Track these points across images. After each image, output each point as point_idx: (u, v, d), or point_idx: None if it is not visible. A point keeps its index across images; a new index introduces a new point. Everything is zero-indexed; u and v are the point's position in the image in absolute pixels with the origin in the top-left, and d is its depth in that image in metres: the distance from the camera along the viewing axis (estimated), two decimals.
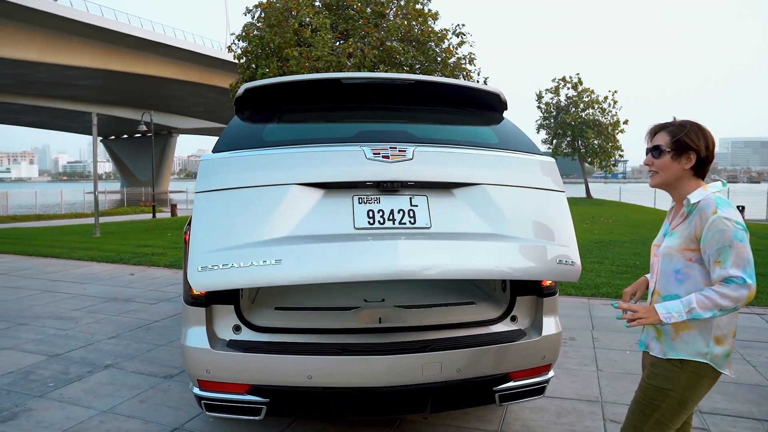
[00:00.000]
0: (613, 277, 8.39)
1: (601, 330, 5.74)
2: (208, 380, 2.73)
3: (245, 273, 2.27)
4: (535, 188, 2.72)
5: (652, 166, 2.15)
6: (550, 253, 2.56)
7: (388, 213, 2.53)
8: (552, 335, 3.00)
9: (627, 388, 4.14)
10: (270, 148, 2.72)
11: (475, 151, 2.79)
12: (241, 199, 2.48)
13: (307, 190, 2.52)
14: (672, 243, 2.12)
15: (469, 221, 2.58)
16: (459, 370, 2.76)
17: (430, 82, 3.30)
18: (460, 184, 2.65)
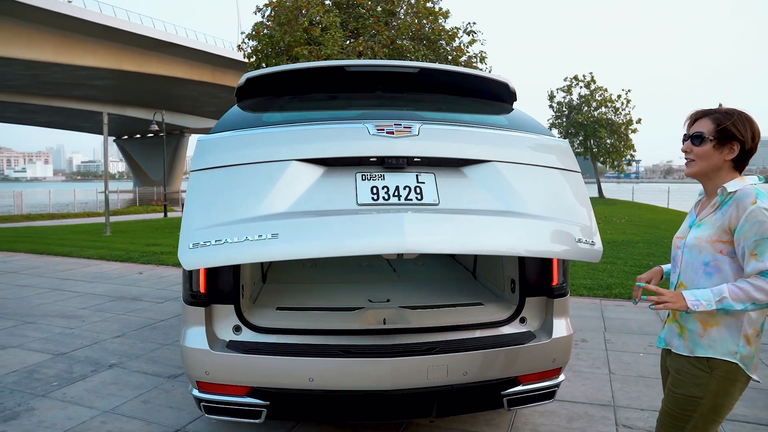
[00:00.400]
0: (625, 278, 8.24)
1: (614, 332, 5.61)
2: (208, 382, 2.66)
3: (239, 249, 2.10)
4: (549, 167, 2.56)
5: (689, 153, 2.02)
6: (568, 231, 2.37)
7: (393, 189, 2.37)
8: (563, 337, 2.90)
9: (640, 392, 4.02)
10: (269, 127, 2.62)
11: (485, 129, 2.67)
12: (237, 177, 2.33)
13: (307, 166, 2.37)
14: (701, 234, 1.99)
15: (479, 199, 2.40)
16: (466, 373, 2.67)
17: (435, 70, 3.21)
18: (469, 161, 2.49)
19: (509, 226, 2.30)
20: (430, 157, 2.43)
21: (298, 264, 4.43)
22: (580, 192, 2.55)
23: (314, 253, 2.13)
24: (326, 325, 2.82)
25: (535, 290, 2.98)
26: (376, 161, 2.40)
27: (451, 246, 2.23)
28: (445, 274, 4.18)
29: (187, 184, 2.39)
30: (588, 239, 2.37)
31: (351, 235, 2.16)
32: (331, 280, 3.88)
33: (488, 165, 2.48)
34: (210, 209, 2.25)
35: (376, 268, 4.33)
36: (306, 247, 2.13)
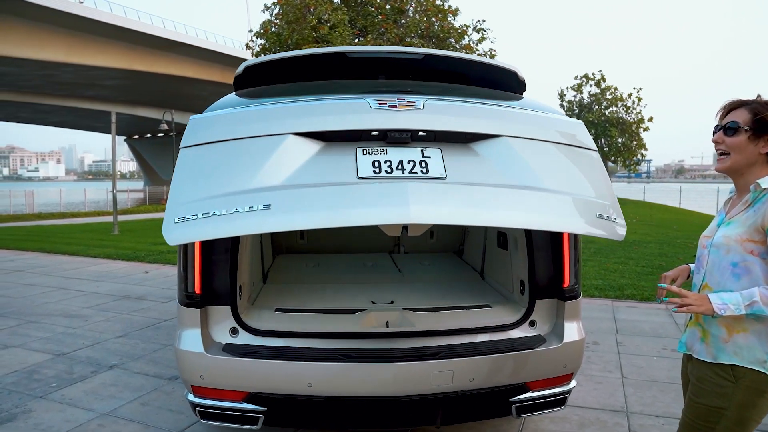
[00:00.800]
0: (638, 279, 8.07)
1: (626, 334, 5.46)
2: (203, 386, 2.56)
3: (228, 221, 1.92)
4: (564, 144, 2.39)
5: (721, 145, 1.89)
6: (587, 206, 2.18)
7: (396, 163, 2.18)
8: (574, 342, 2.77)
9: (655, 397, 3.87)
10: (264, 104, 2.49)
11: (495, 105, 2.52)
12: (228, 151, 2.18)
13: (303, 141, 2.20)
14: (730, 232, 1.86)
15: (490, 175, 2.21)
16: (472, 379, 2.55)
17: (440, 56, 3.09)
18: (479, 136, 2.31)
19: (523, 199, 2.12)
20: (436, 131, 2.26)
21: (300, 264, 4.32)
22: (598, 170, 2.37)
23: (309, 223, 1.96)
24: (327, 327, 2.71)
25: (545, 292, 2.85)
26: (378, 135, 2.24)
27: (459, 217, 2.04)
28: (452, 274, 4.05)
29: (176, 162, 2.23)
30: (610, 216, 2.18)
31: (350, 204, 2.00)
32: (333, 280, 3.77)
33: (499, 140, 2.30)
34: (198, 184, 2.10)
35: (380, 268, 4.21)
36: (300, 218, 1.96)
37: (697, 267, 2.01)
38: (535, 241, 2.88)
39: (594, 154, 2.41)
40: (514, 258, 3.14)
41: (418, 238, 4.93)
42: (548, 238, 2.87)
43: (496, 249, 3.54)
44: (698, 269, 2.00)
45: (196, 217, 1.94)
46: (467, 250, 4.57)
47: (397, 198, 1.98)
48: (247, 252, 3.07)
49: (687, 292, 1.82)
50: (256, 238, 3.55)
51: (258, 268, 3.60)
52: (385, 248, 4.98)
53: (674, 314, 6.17)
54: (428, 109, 2.30)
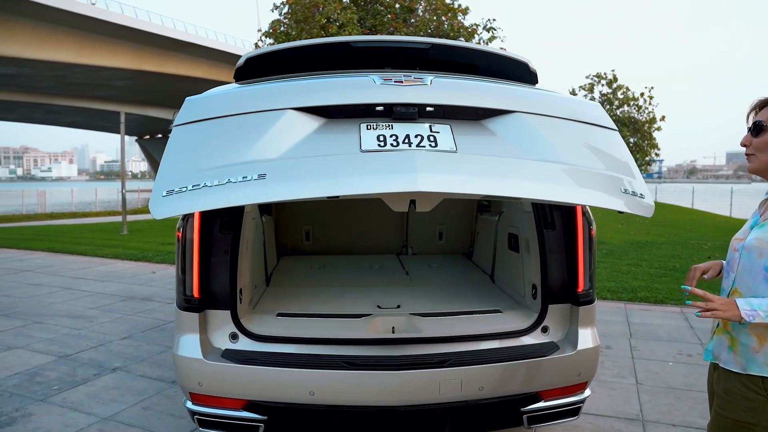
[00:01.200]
0: (651, 281, 7.90)
1: (640, 338, 5.31)
2: (201, 394, 2.47)
3: (219, 192, 1.78)
4: (582, 122, 2.23)
5: (748, 147, 1.78)
6: (610, 180, 2.02)
7: (403, 137, 2.02)
8: (589, 349, 2.64)
9: (671, 405, 3.74)
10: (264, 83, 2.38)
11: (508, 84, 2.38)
12: (224, 127, 2.05)
13: (304, 116, 2.06)
14: (764, 235, 1.75)
15: (504, 150, 2.06)
16: (482, 388, 2.43)
17: (448, 46, 2.97)
18: (491, 112, 2.15)
19: (541, 170, 1.96)
20: (444, 106, 2.10)
21: (305, 265, 4.22)
22: (620, 148, 2.22)
23: (307, 192, 1.80)
24: (330, 333, 2.60)
25: (558, 296, 2.73)
26: (383, 111, 2.09)
27: (471, 186, 1.85)
28: (461, 277, 3.93)
29: (168, 140, 2.10)
30: (635, 191, 2.00)
31: (352, 173, 1.85)
32: (339, 283, 3.66)
33: (513, 116, 2.14)
34: (189, 158, 1.96)
35: (387, 270, 4.10)
36: (298, 187, 1.81)
37: (727, 271, 1.88)
38: (547, 243, 2.76)
39: (614, 133, 2.26)
40: (525, 261, 3.02)
41: (426, 240, 4.82)
42: (561, 240, 2.76)
43: (507, 251, 3.42)
44: (728, 273, 1.87)
45: (186, 189, 1.81)
46: (477, 252, 4.45)
47: (403, 166, 1.84)
48: (249, 253, 2.98)
49: (712, 296, 1.70)
50: (259, 240, 3.46)
51: (261, 270, 3.50)
52: (393, 250, 4.88)
53: (689, 318, 6.01)
54: (436, 84, 2.18)
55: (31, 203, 30.85)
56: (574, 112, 2.25)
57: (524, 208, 2.95)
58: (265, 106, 2.07)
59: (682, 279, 8.02)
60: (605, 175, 2.02)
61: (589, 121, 2.23)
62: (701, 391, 3.93)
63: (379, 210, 4.79)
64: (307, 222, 4.75)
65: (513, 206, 3.32)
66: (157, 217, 1.79)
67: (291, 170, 1.86)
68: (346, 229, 4.79)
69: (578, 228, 2.71)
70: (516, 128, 2.11)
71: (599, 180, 1.99)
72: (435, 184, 1.77)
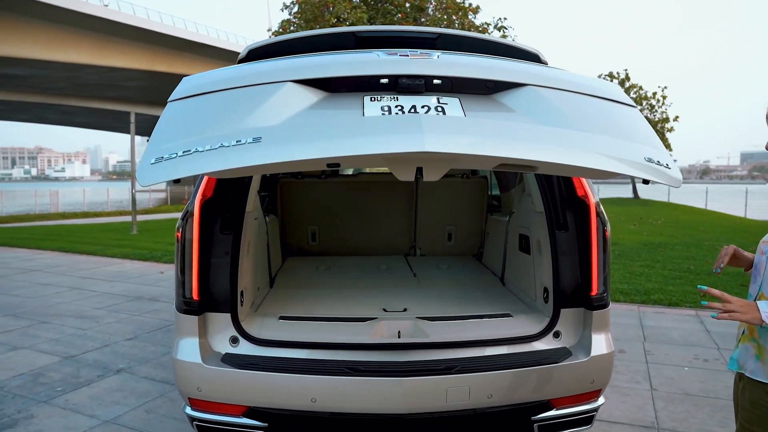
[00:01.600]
0: (665, 283, 7.75)
1: (654, 342, 5.18)
2: (201, 399, 2.40)
3: (211, 157, 1.67)
4: (599, 97, 2.11)
5: None
6: (633, 148, 1.88)
7: (408, 107, 1.91)
8: (603, 355, 2.54)
9: (688, 412, 3.62)
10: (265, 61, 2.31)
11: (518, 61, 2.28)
12: (220, 100, 1.95)
13: (304, 89, 1.96)
14: None
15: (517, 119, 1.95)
16: (491, 395, 2.34)
17: (456, 36, 2.87)
18: (502, 85, 2.03)
19: (557, 135, 1.83)
20: (453, 78, 1.99)
21: (310, 266, 4.14)
22: (640, 123, 2.08)
23: (305, 153, 1.66)
24: (333, 337, 2.52)
25: (571, 300, 2.62)
26: (387, 83, 1.98)
27: (481, 147, 1.71)
28: (470, 279, 3.83)
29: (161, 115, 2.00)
30: (660, 161, 1.86)
31: (354, 135, 1.73)
32: (344, 285, 3.58)
33: (526, 89, 2.02)
34: (182, 129, 1.85)
35: (394, 272, 4.01)
36: (295, 149, 1.67)
37: (754, 275, 1.78)
38: (559, 244, 2.66)
39: (634, 110, 2.13)
40: (537, 263, 2.92)
41: (435, 241, 4.72)
42: (574, 241, 2.65)
43: (518, 253, 3.32)
44: (755, 278, 1.77)
45: (176, 155, 1.69)
46: (487, 254, 4.35)
47: (409, 127, 1.72)
48: (251, 254, 2.90)
49: (731, 297, 1.59)
50: (262, 240, 3.38)
51: (264, 272, 3.43)
52: (401, 251, 4.78)
53: (705, 321, 5.86)
54: (444, 59, 2.08)
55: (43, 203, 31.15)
56: (591, 88, 2.13)
57: (535, 208, 2.85)
58: (263, 80, 1.97)
59: (696, 281, 7.85)
60: (627, 144, 1.88)
61: (607, 96, 2.11)
62: (719, 398, 3.81)
63: (387, 210, 4.70)
64: (313, 222, 4.68)
65: (524, 206, 3.22)
66: (142, 183, 1.69)
67: (288, 133, 1.75)
68: (353, 229, 4.70)
69: (592, 229, 2.61)
70: (530, 101, 1.98)
71: (620, 148, 1.85)
72: (443, 145, 1.63)
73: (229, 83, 1.99)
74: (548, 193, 2.72)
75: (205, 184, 2.53)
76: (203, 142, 1.70)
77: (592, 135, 1.85)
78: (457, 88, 2.01)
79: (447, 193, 4.61)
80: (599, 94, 2.09)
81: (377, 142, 1.66)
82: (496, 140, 1.74)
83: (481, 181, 4.64)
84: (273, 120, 1.80)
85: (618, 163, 1.76)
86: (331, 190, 4.65)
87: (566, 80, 2.12)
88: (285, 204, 4.61)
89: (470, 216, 4.64)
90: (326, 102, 1.95)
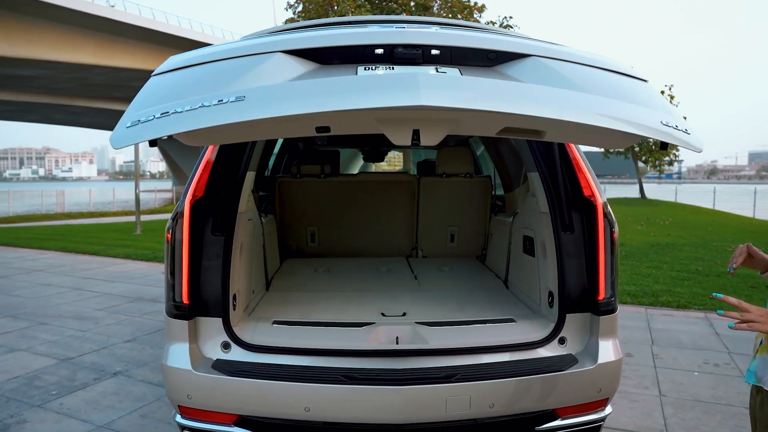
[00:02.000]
0: (673, 284, 7.61)
1: (662, 345, 5.06)
2: (190, 407, 2.31)
3: (190, 116, 1.57)
4: (609, 70, 1.99)
5: None
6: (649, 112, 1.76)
7: None
8: (610, 363, 2.43)
9: (698, 419, 3.50)
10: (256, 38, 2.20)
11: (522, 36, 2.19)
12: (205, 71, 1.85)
13: (294, 60, 1.84)
14: None
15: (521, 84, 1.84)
16: (493, 405, 2.24)
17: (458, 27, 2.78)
18: (504, 56, 1.92)
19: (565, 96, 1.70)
20: (453, 48, 1.89)
21: (309, 268, 4.04)
22: (654, 94, 1.96)
23: (291, 108, 1.56)
24: (328, 343, 2.42)
25: (577, 305, 2.52)
26: (383, 54, 1.86)
27: (481, 103, 1.60)
28: (473, 282, 3.72)
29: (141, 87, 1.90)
30: (678, 125, 1.75)
31: (345, 90, 1.63)
32: (342, 287, 3.48)
33: (530, 60, 1.91)
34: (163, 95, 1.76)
35: (395, 274, 3.91)
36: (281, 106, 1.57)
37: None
38: (565, 246, 2.55)
39: (646, 84, 2.01)
40: (541, 266, 2.81)
41: (437, 242, 4.62)
42: (581, 243, 2.54)
43: (522, 255, 3.21)
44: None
45: (153, 117, 1.60)
46: (490, 256, 4.24)
47: (405, 82, 1.60)
48: (245, 256, 2.81)
49: (749, 306, 1.49)
50: (258, 241, 3.29)
51: (260, 274, 3.34)
52: (402, 252, 4.68)
53: (714, 324, 5.73)
54: (443, 30, 1.98)
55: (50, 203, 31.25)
56: (601, 62, 2.02)
57: (540, 208, 2.74)
58: (252, 51, 1.87)
59: (705, 282, 7.71)
60: (641, 108, 1.76)
61: (617, 70, 1.99)
62: (730, 405, 3.69)
63: (388, 211, 4.60)
64: (313, 223, 4.58)
65: (528, 207, 3.11)
66: (114, 146, 1.61)
67: (275, 93, 1.65)
68: (354, 230, 4.61)
69: (599, 230, 2.50)
70: (536, 71, 1.85)
71: (634, 111, 1.73)
72: (441, 99, 1.52)
73: (216, 56, 1.89)
74: (553, 193, 2.61)
75: (196, 184, 2.45)
76: (183, 105, 1.60)
77: (605, 98, 1.74)
78: (456, 59, 1.89)
79: (450, 192, 4.51)
80: (609, 68, 1.98)
81: (369, 96, 1.55)
82: (499, 97, 1.63)
83: (485, 181, 4.54)
84: (259, 83, 1.69)
85: (632, 126, 1.64)
86: (331, 190, 4.55)
87: (573, 53, 2.01)
88: (284, 204, 4.52)
89: (473, 216, 4.53)
90: (317, 74, 1.84)
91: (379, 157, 6.64)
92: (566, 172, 2.62)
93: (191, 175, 2.50)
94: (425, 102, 1.48)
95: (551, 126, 1.80)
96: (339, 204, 4.56)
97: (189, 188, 2.44)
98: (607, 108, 1.68)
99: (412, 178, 4.63)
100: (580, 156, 2.65)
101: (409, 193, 4.57)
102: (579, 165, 2.62)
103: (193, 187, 2.44)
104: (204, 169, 2.49)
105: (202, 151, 2.56)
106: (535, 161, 2.69)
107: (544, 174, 2.65)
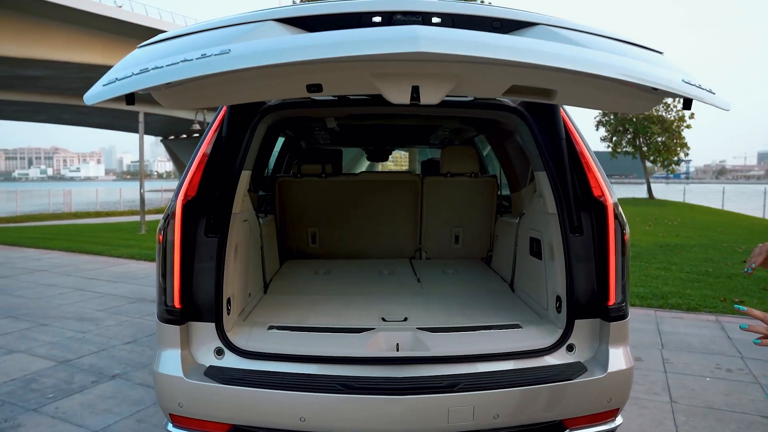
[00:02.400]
0: (682, 286, 7.46)
1: (672, 349, 4.93)
2: (182, 416, 2.23)
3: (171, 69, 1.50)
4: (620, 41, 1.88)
5: None
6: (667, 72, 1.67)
7: None
8: (621, 371, 2.32)
9: (712, 428, 3.38)
10: None
11: None
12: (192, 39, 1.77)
13: (287, 28, 1.76)
14: None
15: None
16: (497, 416, 2.14)
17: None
18: (510, 24, 1.84)
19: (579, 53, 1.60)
20: (455, 15, 1.80)
21: (309, 271, 3.95)
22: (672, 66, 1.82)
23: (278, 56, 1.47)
24: (325, 350, 2.32)
25: (586, 310, 2.41)
26: (380, 22, 1.79)
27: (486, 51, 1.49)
28: (478, 285, 3.61)
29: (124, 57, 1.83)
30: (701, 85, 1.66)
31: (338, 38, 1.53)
32: (342, 291, 3.38)
33: (538, 28, 1.82)
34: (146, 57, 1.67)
35: (397, 277, 3.81)
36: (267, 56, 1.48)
37: None
38: (574, 249, 2.44)
39: (661, 56, 1.90)
40: (549, 269, 2.70)
41: (441, 243, 4.51)
42: (590, 246, 2.43)
43: (528, 258, 3.10)
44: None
45: (131, 75, 1.52)
46: (496, 258, 4.13)
47: (402, 31, 1.51)
48: (241, 258, 2.72)
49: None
50: (255, 243, 3.20)
51: (257, 276, 3.25)
52: (406, 254, 4.58)
53: (726, 327, 5.60)
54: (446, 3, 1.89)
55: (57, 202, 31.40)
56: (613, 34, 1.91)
57: (547, 209, 2.63)
58: (241, 20, 1.79)
59: (715, 284, 7.56)
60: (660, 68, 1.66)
61: (629, 41, 1.89)
62: (745, 413, 3.57)
63: (391, 211, 4.50)
64: (314, 224, 4.49)
65: (535, 207, 3.00)
66: (87, 102, 1.53)
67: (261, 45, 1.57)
68: (355, 231, 4.51)
69: (609, 232, 2.39)
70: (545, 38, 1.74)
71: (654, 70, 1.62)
72: (439, 45, 1.42)
73: (206, 27, 1.82)
74: (561, 193, 2.50)
75: (188, 183, 2.36)
76: (164, 62, 1.53)
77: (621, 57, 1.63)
78: (461, 24, 1.80)
79: (454, 192, 4.40)
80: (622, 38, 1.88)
81: (364, 42, 1.46)
82: (506, 48, 1.52)
83: (490, 180, 4.43)
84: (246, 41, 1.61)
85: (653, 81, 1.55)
86: (332, 190, 4.45)
87: (584, 25, 1.90)
88: (284, 204, 4.43)
89: (478, 217, 4.42)
90: None
91: (383, 156, 6.54)
92: (575, 171, 2.52)
93: (183, 174, 2.42)
94: (424, 48, 1.38)
95: (564, 84, 1.68)
96: (340, 204, 4.46)
97: (181, 188, 2.35)
98: (624, 65, 1.57)
99: (416, 178, 4.53)
100: (590, 154, 2.54)
101: (413, 193, 4.46)
102: (588, 163, 2.51)
103: (185, 186, 2.35)
104: (197, 167, 2.41)
105: (195, 150, 2.48)
106: (543, 160, 2.58)
107: (552, 173, 2.54)
